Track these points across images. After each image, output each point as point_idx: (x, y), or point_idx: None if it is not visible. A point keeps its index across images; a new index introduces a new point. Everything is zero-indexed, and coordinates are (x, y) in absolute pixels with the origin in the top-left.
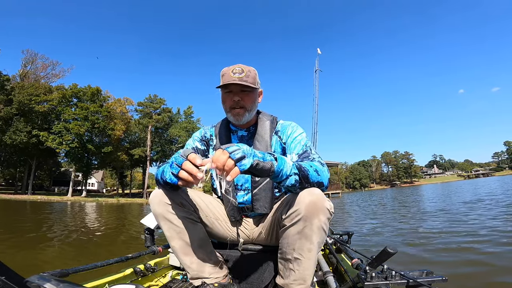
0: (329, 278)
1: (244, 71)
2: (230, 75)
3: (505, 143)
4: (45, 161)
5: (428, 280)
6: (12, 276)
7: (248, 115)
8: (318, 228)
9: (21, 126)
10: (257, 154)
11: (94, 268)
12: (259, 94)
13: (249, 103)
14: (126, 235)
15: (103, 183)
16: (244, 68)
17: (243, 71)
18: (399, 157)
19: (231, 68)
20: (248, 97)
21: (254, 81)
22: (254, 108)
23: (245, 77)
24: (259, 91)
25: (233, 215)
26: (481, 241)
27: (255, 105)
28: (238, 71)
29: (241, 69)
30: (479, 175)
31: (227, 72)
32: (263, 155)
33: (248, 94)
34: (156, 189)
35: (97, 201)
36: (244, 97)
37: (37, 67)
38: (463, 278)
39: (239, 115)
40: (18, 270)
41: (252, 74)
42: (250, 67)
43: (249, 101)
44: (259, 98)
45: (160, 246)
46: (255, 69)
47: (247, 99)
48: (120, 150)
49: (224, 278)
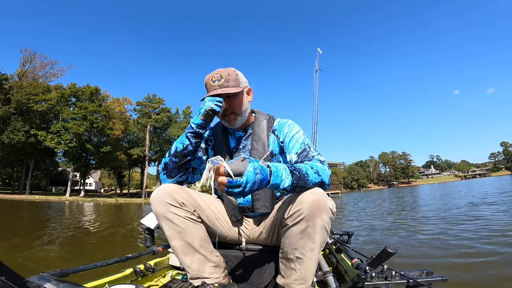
0: (329, 278)
1: (223, 76)
2: (210, 84)
3: (502, 144)
4: (42, 160)
5: (428, 280)
6: (12, 276)
7: (240, 119)
8: (321, 228)
9: (19, 126)
10: (254, 185)
11: (94, 268)
12: (248, 93)
13: (238, 108)
14: (126, 235)
15: (100, 183)
16: (222, 73)
17: (221, 77)
18: (396, 158)
19: (211, 76)
20: (235, 102)
21: (236, 83)
22: (245, 109)
23: (225, 83)
24: (246, 89)
25: (234, 215)
26: (481, 241)
27: (245, 106)
28: (217, 78)
29: (219, 75)
30: (475, 176)
31: (208, 82)
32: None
33: (234, 100)
34: (156, 188)
35: (95, 201)
36: (230, 103)
37: (35, 66)
38: (463, 278)
39: (231, 120)
40: (18, 270)
41: (233, 77)
42: (229, 69)
43: (237, 106)
44: (249, 97)
45: (160, 246)
46: (234, 69)
47: (234, 104)
48: (119, 150)
49: (224, 278)
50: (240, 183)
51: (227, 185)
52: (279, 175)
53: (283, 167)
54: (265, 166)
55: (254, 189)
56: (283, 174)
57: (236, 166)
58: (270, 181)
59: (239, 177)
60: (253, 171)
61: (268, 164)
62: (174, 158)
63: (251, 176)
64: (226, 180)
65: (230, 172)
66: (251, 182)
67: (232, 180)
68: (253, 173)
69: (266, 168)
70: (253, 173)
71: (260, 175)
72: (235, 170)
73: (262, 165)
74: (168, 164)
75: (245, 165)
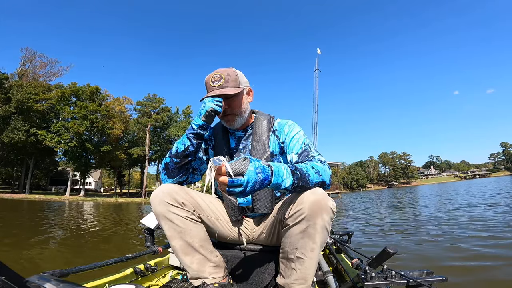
0: (329, 278)
1: (222, 77)
2: (210, 84)
3: (501, 144)
4: (42, 160)
5: (428, 280)
6: (12, 276)
7: (239, 119)
8: (322, 228)
9: (19, 125)
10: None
11: (94, 268)
12: (248, 93)
13: (237, 108)
14: (126, 235)
15: (100, 183)
16: (222, 74)
17: (221, 77)
18: (396, 158)
19: (211, 77)
20: (234, 102)
21: (235, 84)
22: (244, 110)
23: (224, 83)
24: (246, 90)
25: (234, 215)
26: (481, 241)
27: (245, 107)
28: (217, 79)
29: (219, 76)
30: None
31: (208, 82)
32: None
33: (233, 100)
34: (156, 188)
35: (95, 201)
36: (229, 104)
37: (35, 65)
38: (463, 278)
39: (230, 121)
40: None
41: (232, 77)
42: (229, 69)
43: (236, 106)
44: (249, 97)
45: (160, 246)
46: (234, 69)
47: (233, 105)
48: (119, 149)
49: (224, 278)
50: (242, 182)
51: (228, 185)
52: (280, 174)
53: (284, 167)
54: (266, 166)
55: (255, 189)
56: (285, 174)
57: (237, 165)
58: (272, 180)
59: (240, 177)
60: (254, 170)
61: (269, 164)
62: (175, 159)
63: (252, 176)
64: (228, 179)
65: (230, 171)
66: (252, 181)
67: (234, 180)
68: (254, 173)
69: (267, 168)
70: (254, 172)
71: (261, 175)
72: (236, 169)
73: (263, 164)
74: (169, 165)
75: (246, 165)
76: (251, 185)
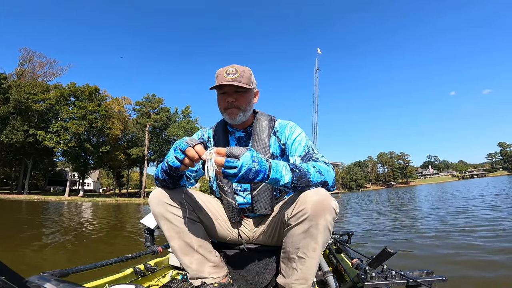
0: (329, 278)
1: (238, 71)
2: (224, 76)
3: (499, 144)
4: (41, 160)
5: (428, 280)
6: (12, 276)
7: (242, 115)
8: (324, 228)
9: (17, 125)
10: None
11: (94, 268)
12: (255, 95)
13: (244, 104)
14: (125, 235)
15: (99, 183)
16: (238, 69)
17: (237, 71)
18: (394, 158)
19: (225, 69)
20: (243, 97)
21: (248, 81)
22: (249, 108)
23: (239, 78)
24: (255, 91)
25: (233, 216)
26: (481, 241)
27: (251, 105)
28: (232, 72)
29: (235, 70)
30: (473, 176)
31: (221, 73)
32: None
33: (242, 95)
34: (155, 189)
35: (94, 201)
36: (238, 97)
37: (34, 65)
38: (463, 278)
39: (233, 114)
40: (18, 270)
41: (247, 74)
42: (245, 67)
43: (244, 102)
44: (255, 99)
45: (160, 246)
46: (250, 69)
47: (241, 100)
48: (118, 150)
49: (224, 278)
50: (236, 165)
51: (224, 165)
52: (279, 170)
53: (283, 164)
54: (264, 160)
55: (250, 178)
56: (283, 170)
57: (234, 148)
58: (270, 175)
59: (236, 159)
60: (250, 157)
61: (268, 159)
62: (165, 175)
63: (247, 161)
64: (224, 160)
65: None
66: (247, 166)
67: (229, 160)
68: (250, 159)
69: (265, 162)
70: (250, 158)
71: (257, 164)
72: (231, 152)
73: (262, 158)
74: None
75: (243, 150)
76: (245, 170)
